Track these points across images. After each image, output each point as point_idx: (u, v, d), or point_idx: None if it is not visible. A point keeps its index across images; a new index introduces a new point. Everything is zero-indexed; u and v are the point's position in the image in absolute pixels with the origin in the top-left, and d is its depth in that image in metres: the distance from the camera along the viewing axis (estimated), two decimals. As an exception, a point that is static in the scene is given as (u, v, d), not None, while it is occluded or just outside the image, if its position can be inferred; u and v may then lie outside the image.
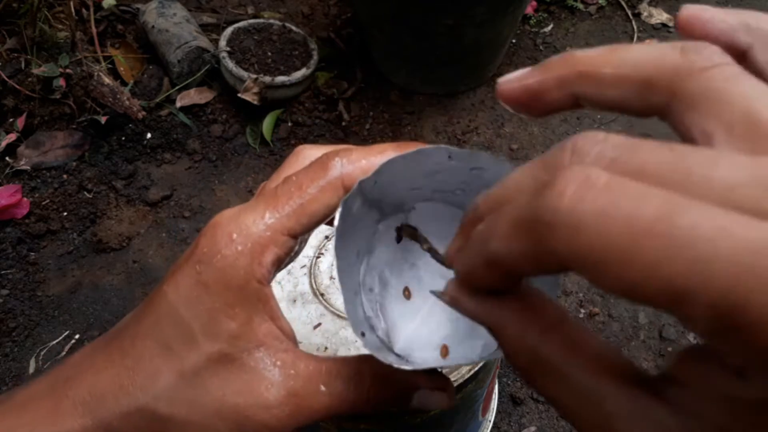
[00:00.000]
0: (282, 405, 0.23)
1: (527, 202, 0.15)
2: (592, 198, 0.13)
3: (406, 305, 0.31)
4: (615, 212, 0.13)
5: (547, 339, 0.16)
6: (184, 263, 0.24)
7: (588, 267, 0.13)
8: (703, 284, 0.12)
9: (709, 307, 0.12)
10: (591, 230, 0.13)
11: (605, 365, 0.16)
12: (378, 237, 0.30)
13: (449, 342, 0.30)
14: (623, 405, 0.15)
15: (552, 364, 0.16)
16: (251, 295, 0.23)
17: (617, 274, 0.13)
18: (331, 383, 0.24)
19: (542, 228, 0.14)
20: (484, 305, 0.18)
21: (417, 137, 1.38)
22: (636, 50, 0.17)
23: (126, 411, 0.23)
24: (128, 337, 0.24)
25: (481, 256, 0.17)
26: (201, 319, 0.23)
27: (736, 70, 0.15)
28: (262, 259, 0.23)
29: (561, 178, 0.14)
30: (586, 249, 0.13)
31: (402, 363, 0.27)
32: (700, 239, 0.12)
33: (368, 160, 0.25)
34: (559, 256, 0.14)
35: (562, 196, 0.13)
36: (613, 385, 0.15)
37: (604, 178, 0.13)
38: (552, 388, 0.16)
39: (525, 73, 0.19)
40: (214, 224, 0.24)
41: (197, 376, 0.23)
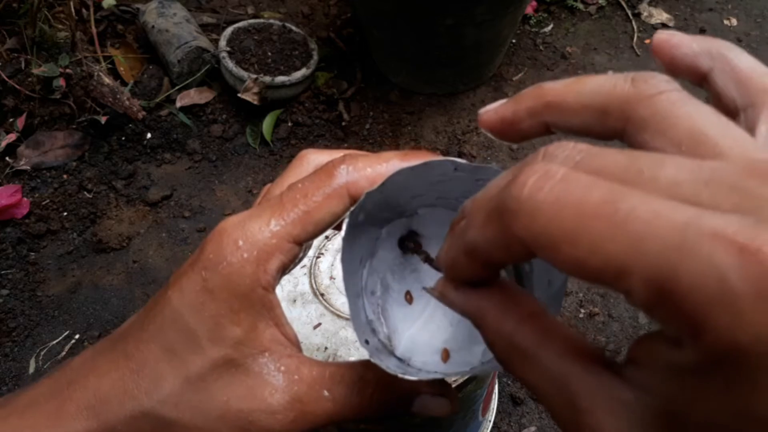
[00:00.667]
0: (286, 410, 0.24)
1: (496, 194, 0.17)
2: (548, 187, 0.15)
3: (407, 309, 0.31)
4: (566, 198, 0.14)
5: (522, 327, 0.18)
6: (189, 269, 0.24)
7: (544, 248, 0.15)
8: (638, 259, 0.13)
9: (644, 280, 0.13)
10: (546, 214, 0.15)
11: (574, 350, 0.17)
12: (381, 242, 0.30)
13: (450, 346, 0.30)
14: (587, 384, 0.16)
15: (526, 349, 0.18)
16: (256, 301, 0.23)
17: (567, 252, 0.14)
18: (335, 388, 0.24)
19: (507, 215, 0.16)
20: (467, 297, 0.20)
21: (417, 137, 1.38)
22: (593, 81, 0.19)
23: (131, 415, 0.23)
24: (132, 341, 0.24)
25: (461, 247, 0.19)
26: (206, 324, 0.23)
27: (680, 95, 0.17)
28: (268, 266, 0.23)
29: (524, 172, 0.16)
30: (542, 231, 0.15)
31: (404, 369, 0.27)
32: (637, 220, 0.13)
33: (373, 168, 0.25)
34: (522, 240, 0.15)
35: (523, 186, 0.15)
36: (579, 366, 0.16)
37: (562, 172, 0.15)
38: (527, 372, 0.18)
39: (501, 104, 0.21)
40: (219, 231, 0.24)
41: (202, 381, 0.23)
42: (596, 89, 0.19)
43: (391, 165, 0.25)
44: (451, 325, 0.30)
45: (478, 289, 0.20)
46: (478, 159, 1.34)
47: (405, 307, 0.31)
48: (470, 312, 0.20)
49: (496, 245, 0.17)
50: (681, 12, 1.71)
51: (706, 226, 0.13)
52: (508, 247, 0.16)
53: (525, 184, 0.15)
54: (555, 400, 0.17)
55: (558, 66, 1.55)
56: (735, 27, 1.67)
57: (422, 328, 0.30)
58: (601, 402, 0.15)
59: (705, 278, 0.12)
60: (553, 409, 0.17)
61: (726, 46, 0.21)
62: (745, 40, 1.63)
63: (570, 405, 0.16)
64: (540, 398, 0.17)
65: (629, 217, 0.13)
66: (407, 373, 0.23)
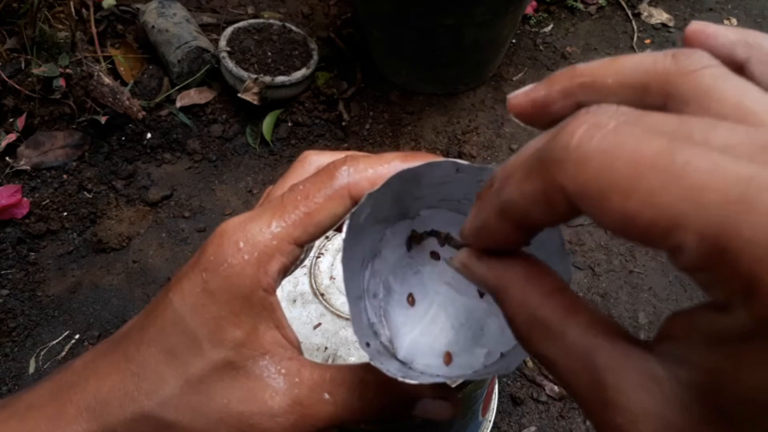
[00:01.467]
0: (286, 413, 0.23)
1: (539, 147, 0.16)
2: (600, 137, 0.14)
3: (409, 312, 0.31)
4: (620, 149, 0.14)
5: (547, 302, 0.17)
6: (189, 271, 0.24)
7: (592, 199, 0.14)
8: (695, 211, 0.12)
9: (699, 234, 0.12)
10: (597, 164, 0.14)
11: (600, 326, 0.16)
12: (383, 243, 0.30)
13: (452, 349, 0.30)
14: (614, 358, 0.15)
15: (550, 324, 0.17)
16: (257, 303, 0.23)
17: (618, 204, 0.14)
18: (336, 391, 0.24)
19: (552, 165, 0.15)
20: (490, 268, 0.19)
21: (417, 137, 1.38)
22: (631, 59, 0.18)
23: (131, 417, 0.23)
24: (133, 343, 0.24)
25: (494, 206, 0.18)
26: (207, 326, 0.23)
27: (723, 70, 0.17)
28: (269, 268, 0.23)
29: (572, 122, 0.15)
30: (592, 181, 0.14)
31: (405, 371, 0.27)
32: (696, 171, 0.13)
33: (375, 169, 0.25)
34: (567, 191, 0.15)
35: (572, 136, 0.15)
36: (605, 340, 0.16)
37: (613, 123, 0.14)
38: (548, 347, 0.17)
39: (532, 87, 0.21)
40: (220, 232, 0.24)
41: (202, 383, 0.23)
42: (635, 66, 0.18)
43: (393, 166, 0.25)
44: (453, 328, 0.30)
45: (501, 259, 0.19)
46: (478, 159, 1.34)
47: (407, 309, 0.31)
48: (492, 283, 0.19)
49: (537, 200, 0.16)
50: (681, 12, 1.71)
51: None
52: (550, 202, 0.15)
53: (573, 133, 0.15)
54: (578, 377, 0.16)
55: (558, 66, 1.55)
56: (735, 27, 1.67)
57: (425, 331, 0.30)
58: (630, 378, 0.15)
59: (767, 234, 0.12)
60: (575, 385, 0.16)
61: (762, 36, 0.20)
62: (745, 40, 1.63)
63: (595, 381, 0.15)
64: (559, 375, 0.17)
65: (687, 168, 0.13)
66: (408, 377, 0.23)
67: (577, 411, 0.97)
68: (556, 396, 0.98)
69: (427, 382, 0.24)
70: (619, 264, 1.16)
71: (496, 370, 0.26)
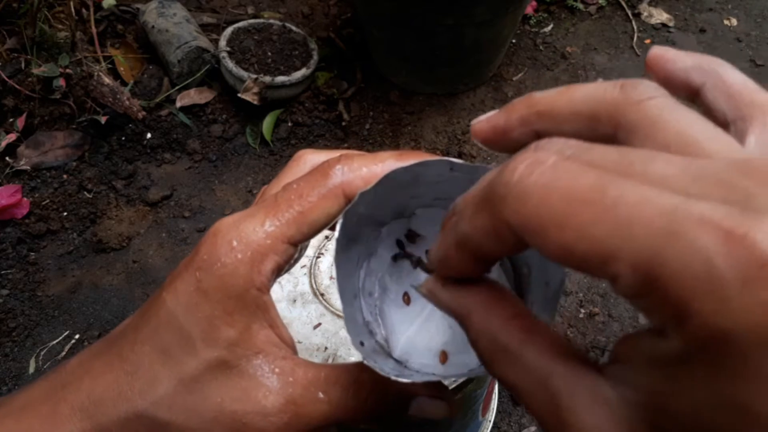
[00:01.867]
0: (280, 412, 0.23)
1: (486, 184, 0.17)
2: (538, 173, 0.15)
3: (405, 311, 0.31)
4: (555, 184, 0.14)
5: (506, 325, 0.18)
6: (183, 270, 0.24)
7: (532, 233, 0.15)
8: (625, 244, 0.13)
9: (630, 265, 0.13)
10: (534, 199, 0.15)
11: (556, 349, 0.17)
12: (378, 242, 0.30)
13: (448, 348, 0.30)
14: (568, 382, 0.16)
15: (509, 348, 0.18)
16: (250, 302, 0.23)
17: (555, 237, 0.14)
18: (330, 390, 0.24)
19: (496, 201, 0.16)
20: (453, 295, 0.20)
21: (417, 137, 1.38)
22: (583, 88, 0.19)
23: (125, 417, 0.23)
24: (127, 342, 0.24)
25: (452, 240, 0.19)
26: (200, 325, 0.23)
27: (669, 101, 0.17)
28: (262, 267, 0.23)
29: (515, 160, 0.16)
30: (531, 216, 0.15)
31: (400, 370, 0.27)
32: (625, 205, 0.13)
33: (369, 168, 0.25)
34: (511, 225, 0.15)
35: (513, 172, 0.15)
36: (561, 365, 0.16)
37: (552, 160, 0.15)
38: (508, 371, 0.18)
39: (492, 114, 0.21)
40: (214, 231, 0.24)
41: (196, 382, 0.23)
42: (586, 96, 0.19)
43: (387, 165, 0.25)
44: (450, 327, 0.30)
45: (465, 286, 0.20)
46: (478, 159, 1.34)
47: (403, 308, 0.31)
48: (456, 309, 0.20)
49: (487, 234, 0.17)
50: (681, 12, 1.71)
51: (694, 211, 0.13)
52: (498, 235, 0.16)
53: (515, 170, 0.15)
54: (536, 398, 0.17)
55: (558, 66, 1.55)
56: (735, 27, 1.67)
57: (420, 330, 0.30)
58: (583, 399, 0.15)
59: (691, 263, 0.12)
60: (535, 407, 0.17)
61: (717, 62, 0.21)
62: (745, 40, 1.63)
63: (551, 403, 0.16)
64: (521, 398, 0.17)
65: (617, 202, 0.13)
66: (402, 376, 0.23)
67: (577, 411, 0.97)
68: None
69: (420, 380, 0.24)
70: (619, 264, 1.16)
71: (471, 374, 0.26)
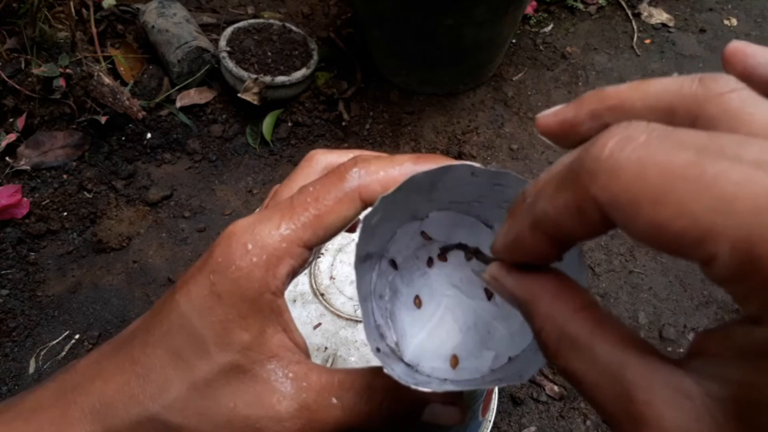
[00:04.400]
0: (294, 418, 0.23)
1: (571, 160, 0.16)
2: (631, 148, 0.14)
3: (416, 314, 0.30)
4: (651, 159, 0.14)
5: (576, 316, 0.18)
6: (197, 272, 0.23)
7: (623, 209, 0.14)
8: (726, 220, 0.13)
9: (731, 243, 0.12)
10: (628, 173, 0.14)
11: (629, 342, 0.16)
12: (391, 244, 0.30)
13: (459, 352, 0.30)
14: (644, 373, 0.15)
15: (578, 339, 0.17)
16: (265, 306, 0.23)
17: (648, 213, 0.14)
18: (344, 396, 0.24)
19: (584, 176, 0.15)
20: (520, 282, 0.19)
21: (417, 137, 1.38)
22: (658, 83, 0.19)
23: (136, 420, 0.23)
24: (138, 345, 0.24)
25: (527, 220, 0.18)
26: (214, 329, 0.23)
27: (750, 93, 0.17)
28: (277, 271, 0.23)
29: (604, 135, 0.15)
30: (623, 191, 0.14)
31: (412, 375, 0.27)
32: (727, 182, 0.13)
33: (386, 171, 0.24)
34: (599, 201, 0.15)
35: (604, 147, 0.15)
36: (636, 357, 0.16)
37: (644, 136, 0.15)
38: (576, 361, 0.17)
39: (560, 108, 0.21)
40: (229, 234, 0.23)
41: (209, 386, 0.23)
42: (662, 90, 0.18)
43: (405, 168, 0.24)
44: (461, 332, 0.30)
45: (531, 273, 0.19)
46: (478, 159, 1.34)
47: (414, 311, 0.30)
48: (522, 296, 0.19)
49: (569, 213, 0.16)
50: (681, 12, 1.71)
51: None
52: (583, 213, 0.16)
53: (605, 145, 0.15)
54: (606, 392, 0.16)
55: (558, 66, 1.55)
56: (735, 27, 1.67)
57: (431, 334, 0.30)
58: (662, 393, 0.15)
59: None
60: (603, 400, 0.16)
61: None
62: (745, 40, 1.63)
63: (624, 396, 0.15)
64: (586, 390, 0.17)
65: (719, 179, 0.13)
66: (420, 384, 0.22)
67: (576, 411, 0.97)
68: (556, 396, 0.98)
69: (441, 390, 0.23)
70: (619, 264, 1.16)
71: (508, 381, 0.25)
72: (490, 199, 0.27)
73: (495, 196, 0.26)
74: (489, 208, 0.28)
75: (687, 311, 1.10)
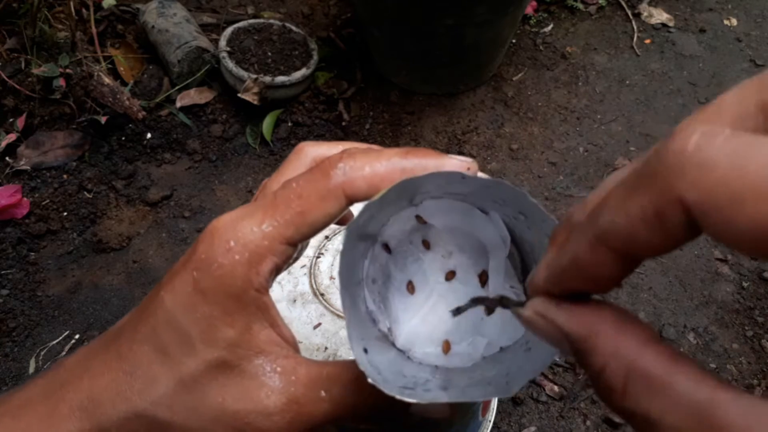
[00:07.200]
0: (282, 412, 0.23)
1: (642, 164, 0.14)
2: (721, 140, 0.12)
3: (409, 300, 0.30)
4: (749, 150, 0.12)
5: (647, 350, 0.15)
6: (181, 269, 0.23)
7: (719, 208, 0.12)
8: None
9: None
10: (724, 166, 0.12)
11: (711, 378, 0.14)
12: (385, 229, 0.30)
13: (451, 338, 0.30)
14: (741, 414, 0.13)
15: (653, 376, 0.15)
16: (249, 303, 0.23)
17: (752, 210, 0.12)
18: (332, 389, 0.24)
19: (666, 174, 0.13)
20: (575, 315, 0.17)
21: (417, 137, 1.38)
22: None
23: (124, 416, 0.23)
24: (125, 341, 0.24)
25: (587, 237, 0.16)
26: (199, 326, 0.23)
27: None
28: (260, 268, 0.23)
29: (682, 130, 0.13)
30: (720, 186, 0.12)
31: (402, 363, 0.27)
32: None
33: (372, 167, 0.24)
34: (687, 201, 0.13)
35: (687, 140, 0.13)
36: (726, 394, 0.14)
37: (728, 131, 0.13)
38: (652, 402, 0.15)
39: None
40: (211, 230, 0.23)
41: (196, 382, 0.23)
42: None
43: (392, 163, 0.24)
44: (453, 318, 0.30)
45: (586, 305, 0.17)
46: (478, 159, 1.34)
47: (407, 297, 0.30)
48: (578, 333, 0.17)
49: (646, 220, 0.14)
50: (681, 12, 1.71)
51: None
52: (663, 220, 0.13)
53: (688, 138, 0.13)
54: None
55: (558, 66, 1.55)
56: (735, 27, 1.67)
57: (424, 320, 0.30)
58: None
59: None
60: None
61: None
62: (745, 40, 1.63)
63: None
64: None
65: None
66: (404, 396, 0.22)
67: (576, 411, 0.97)
68: (556, 396, 0.98)
69: (426, 401, 0.23)
70: (619, 264, 1.16)
71: (497, 393, 0.25)
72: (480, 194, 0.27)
73: (488, 193, 0.27)
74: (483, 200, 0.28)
75: (687, 311, 1.10)
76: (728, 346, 1.05)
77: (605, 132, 1.40)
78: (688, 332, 1.07)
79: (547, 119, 1.43)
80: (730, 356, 1.04)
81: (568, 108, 1.45)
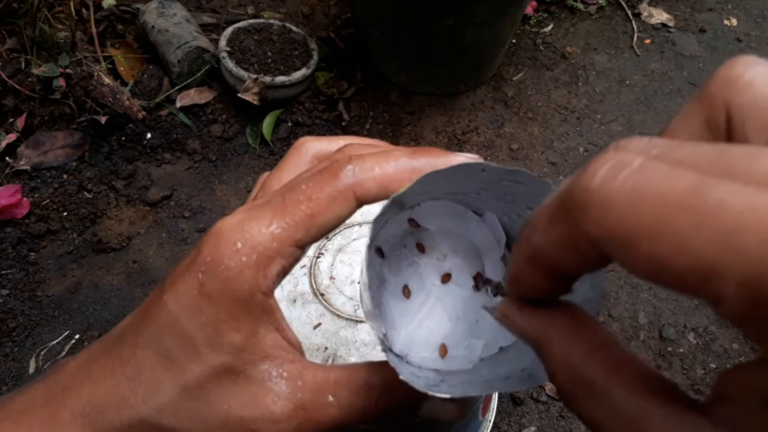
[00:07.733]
0: (290, 418, 0.23)
1: (562, 190, 0.15)
2: (623, 177, 0.13)
3: (405, 304, 0.30)
4: (645, 188, 0.12)
5: (591, 358, 0.16)
6: (185, 271, 0.23)
7: (619, 244, 0.13)
8: (731, 257, 0.11)
9: (738, 282, 0.11)
10: (621, 206, 0.13)
11: (650, 386, 0.15)
12: (381, 231, 0.30)
13: (447, 341, 0.29)
14: (667, 425, 0.14)
15: (595, 383, 0.16)
16: (256, 307, 0.22)
17: (647, 249, 0.12)
18: (340, 394, 0.24)
19: (575, 209, 0.14)
20: (530, 320, 0.18)
21: (417, 137, 1.38)
22: None
23: (128, 423, 0.22)
24: (128, 346, 0.23)
25: (524, 254, 0.17)
26: (204, 330, 0.22)
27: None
28: (268, 270, 0.22)
29: (594, 162, 0.14)
30: (617, 225, 0.13)
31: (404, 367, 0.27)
32: (729, 212, 0.11)
33: (381, 168, 0.23)
34: (592, 237, 0.13)
35: (593, 176, 0.13)
36: (657, 404, 0.14)
37: (639, 161, 0.13)
38: (593, 408, 0.16)
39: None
40: (216, 232, 0.22)
41: (201, 388, 0.22)
42: None
43: (401, 164, 0.23)
44: (450, 321, 0.30)
45: (543, 310, 0.18)
46: (478, 159, 1.34)
47: (403, 301, 0.30)
48: (533, 337, 0.18)
49: (564, 247, 0.15)
50: (681, 12, 1.71)
51: None
52: (577, 248, 0.14)
53: (595, 174, 0.13)
54: None
55: (558, 66, 1.55)
56: (735, 27, 1.67)
57: (421, 324, 0.30)
58: None
59: None
60: None
61: None
62: (745, 40, 1.63)
63: None
64: None
65: (720, 208, 0.11)
66: (435, 391, 0.22)
67: (577, 411, 0.97)
68: (556, 396, 0.98)
69: (457, 395, 0.22)
70: (619, 264, 1.16)
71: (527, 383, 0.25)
72: (491, 192, 0.27)
73: (499, 190, 0.26)
74: (486, 199, 0.28)
75: (687, 311, 1.10)
76: (728, 346, 1.05)
77: (605, 132, 1.41)
78: (688, 332, 1.07)
79: (547, 119, 1.43)
80: (730, 356, 1.04)
81: (568, 108, 1.45)
